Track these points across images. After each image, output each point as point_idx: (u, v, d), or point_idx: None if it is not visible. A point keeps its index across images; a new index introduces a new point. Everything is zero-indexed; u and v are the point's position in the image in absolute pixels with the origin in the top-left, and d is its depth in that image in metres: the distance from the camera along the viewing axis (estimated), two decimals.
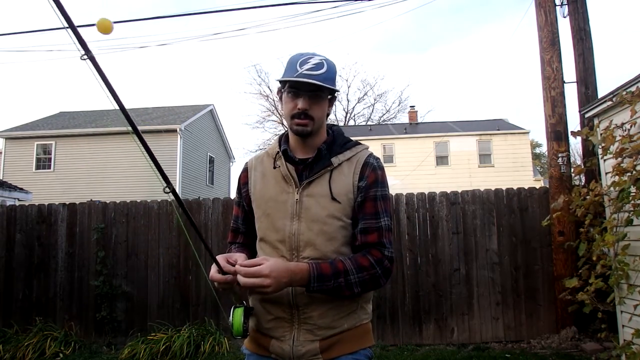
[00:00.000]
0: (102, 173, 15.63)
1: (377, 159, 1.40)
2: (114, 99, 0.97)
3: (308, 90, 1.28)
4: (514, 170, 18.26)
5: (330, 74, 1.30)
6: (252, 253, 1.48)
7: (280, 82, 1.33)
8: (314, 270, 1.21)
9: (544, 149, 38.18)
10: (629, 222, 3.43)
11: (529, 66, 65.29)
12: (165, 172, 1.08)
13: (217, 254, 1.28)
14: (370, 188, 1.33)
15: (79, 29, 0.90)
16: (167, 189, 1.08)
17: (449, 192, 5.14)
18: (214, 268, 1.26)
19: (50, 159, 16.25)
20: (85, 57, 0.92)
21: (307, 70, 1.26)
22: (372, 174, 1.34)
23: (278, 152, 1.40)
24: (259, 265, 1.17)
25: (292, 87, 1.30)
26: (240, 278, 1.17)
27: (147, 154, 1.05)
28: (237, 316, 1.28)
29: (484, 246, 4.97)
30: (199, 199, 5.44)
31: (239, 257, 1.28)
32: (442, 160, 19.20)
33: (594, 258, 3.77)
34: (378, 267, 1.27)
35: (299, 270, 1.20)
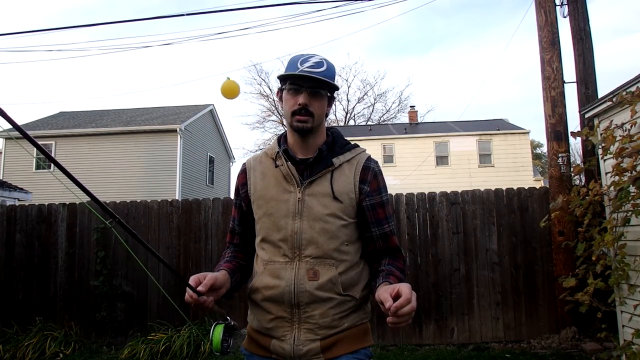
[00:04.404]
0: (102, 173, 15.63)
1: (376, 162, 1.44)
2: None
3: (309, 87, 1.30)
4: (514, 170, 18.25)
5: (330, 72, 1.33)
6: (247, 253, 1.50)
7: (281, 79, 1.35)
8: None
9: (544, 149, 38.23)
10: (627, 222, 3.44)
11: (529, 66, 65.32)
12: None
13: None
14: (378, 194, 1.38)
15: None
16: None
17: (449, 192, 5.15)
18: (189, 289, 1.20)
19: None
20: None
21: (308, 67, 1.29)
22: (375, 180, 1.39)
23: (278, 152, 1.40)
24: (400, 295, 1.07)
25: (293, 84, 1.32)
26: (400, 318, 1.06)
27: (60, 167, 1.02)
28: (216, 333, 1.28)
29: (484, 246, 4.97)
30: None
31: (211, 277, 1.22)
32: (442, 160, 19.19)
33: (593, 258, 3.77)
34: (405, 266, 1.40)
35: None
